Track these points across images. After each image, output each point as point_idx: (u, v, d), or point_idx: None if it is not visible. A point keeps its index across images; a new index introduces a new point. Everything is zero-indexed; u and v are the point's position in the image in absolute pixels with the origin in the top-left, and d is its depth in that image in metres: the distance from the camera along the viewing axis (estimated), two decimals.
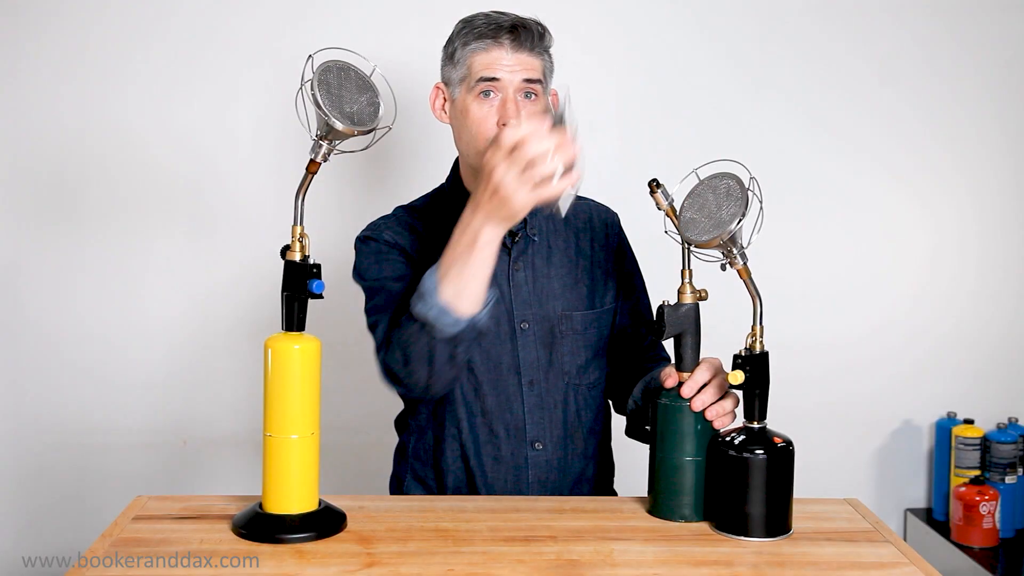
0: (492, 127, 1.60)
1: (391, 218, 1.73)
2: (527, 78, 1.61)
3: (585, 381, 1.72)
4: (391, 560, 1.29)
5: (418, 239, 1.69)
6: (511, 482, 1.68)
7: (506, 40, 1.60)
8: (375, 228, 1.71)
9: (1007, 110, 2.67)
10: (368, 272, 1.66)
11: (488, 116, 1.61)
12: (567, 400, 1.70)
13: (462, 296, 1.43)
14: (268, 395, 1.39)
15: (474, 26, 1.62)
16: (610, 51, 2.57)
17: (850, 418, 2.69)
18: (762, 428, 1.42)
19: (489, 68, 1.60)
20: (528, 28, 1.61)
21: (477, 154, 1.62)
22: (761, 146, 2.62)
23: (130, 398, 2.53)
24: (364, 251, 1.69)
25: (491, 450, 1.68)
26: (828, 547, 1.37)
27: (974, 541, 2.51)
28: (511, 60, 1.60)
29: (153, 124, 2.50)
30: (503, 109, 1.60)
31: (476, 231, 1.41)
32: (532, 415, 1.68)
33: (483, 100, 1.61)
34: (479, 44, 1.61)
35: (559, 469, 1.70)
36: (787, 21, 2.61)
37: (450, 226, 1.62)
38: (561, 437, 1.70)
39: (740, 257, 1.41)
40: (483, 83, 1.60)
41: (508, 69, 1.60)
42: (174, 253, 2.52)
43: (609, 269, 1.77)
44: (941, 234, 2.69)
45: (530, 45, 1.61)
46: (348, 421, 2.53)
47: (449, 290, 1.43)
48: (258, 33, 2.50)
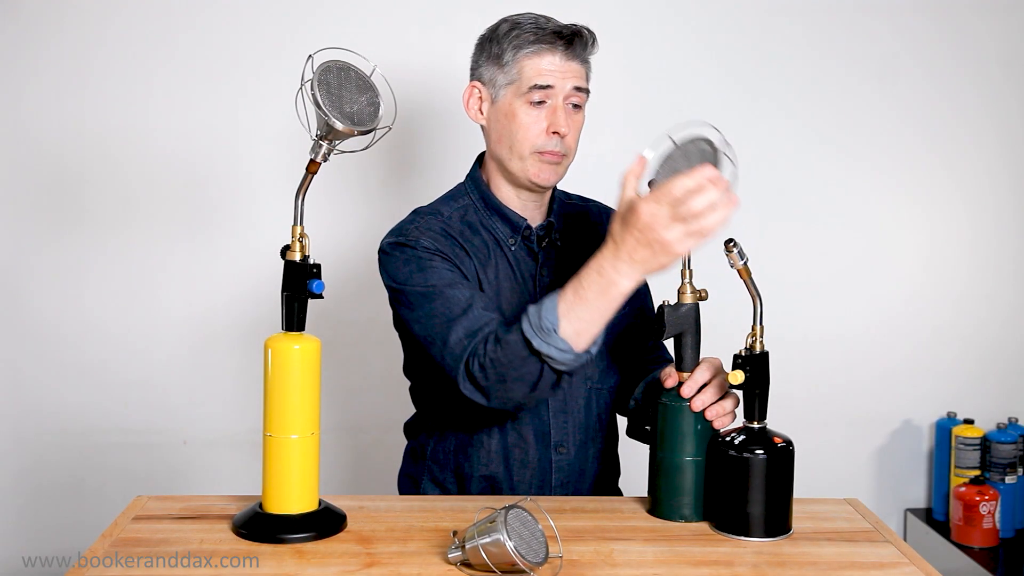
0: (540, 133, 1.60)
1: (420, 224, 1.64)
2: (577, 86, 1.60)
3: (607, 384, 1.72)
4: (391, 560, 1.29)
5: (454, 244, 1.63)
6: (536, 486, 1.67)
7: (561, 47, 1.58)
8: (405, 233, 1.62)
9: (1003, 109, 2.67)
10: (411, 279, 1.57)
11: (537, 122, 1.60)
12: (588, 403, 1.70)
13: (583, 335, 1.39)
14: (268, 395, 1.39)
15: (525, 29, 1.59)
16: (609, 53, 2.57)
17: (850, 418, 2.69)
18: (762, 428, 1.42)
19: (543, 75, 1.59)
20: (583, 36, 1.60)
21: (519, 159, 1.61)
22: (761, 147, 2.61)
23: (130, 398, 2.53)
24: (400, 257, 1.60)
25: (519, 454, 1.67)
26: (828, 547, 1.37)
27: (974, 541, 2.51)
28: (564, 68, 1.59)
29: (153, 124, 2.49)
30: (553, 116, 1.59)
31: (616, 278, 1.35)
32: (556, 419, 1.67)
33: (533, 107, 1.60)
34: (533, 48, 1.59)
35: (579, 471, 1.69)
36: (786, 24, 2.61)
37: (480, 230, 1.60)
38: (583, 440, 1.69)
39: None
40: (537, 90, 1.59)
41: (561, 76, 1.59)
42: (174, 253, 2.52)
43: None
44: (941, 234, 2.69)
45: (583, 52, 1.61)
46: (348, 421, 2.53)
47: (571, 329, 1.38)
48: (258, 33, 2.50)
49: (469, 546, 1.24)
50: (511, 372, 1.44)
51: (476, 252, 1.65)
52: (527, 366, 1.42)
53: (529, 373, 1.43)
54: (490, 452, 1.67)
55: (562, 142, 1.61)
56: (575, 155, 1.66)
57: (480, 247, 1.66)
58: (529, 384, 1.44)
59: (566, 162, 1.64)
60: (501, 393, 1.47)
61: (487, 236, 1.67)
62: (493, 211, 1.68)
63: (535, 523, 1.26)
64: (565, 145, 1.62)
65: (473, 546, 1.23)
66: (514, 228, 1.67)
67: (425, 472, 1.74)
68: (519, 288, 1.66)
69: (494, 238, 1.67)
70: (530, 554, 1.22)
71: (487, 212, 1.68)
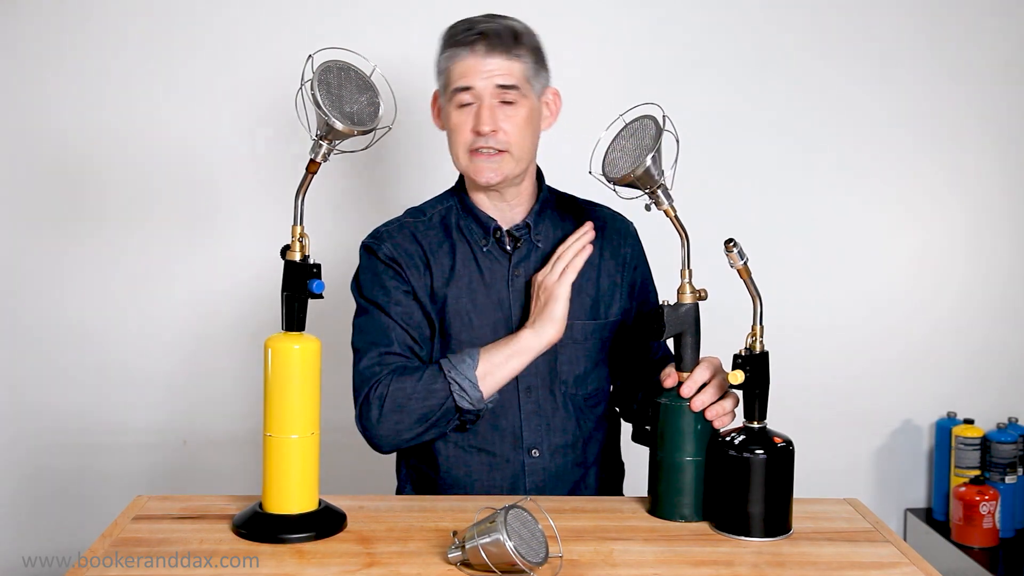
0: (467, 133, 1.61)
1: (396, 225, 1.72)
2: (501, 84, 1.60)
3: (583, 391, 1.71)
4: (391, 560, 1.30)
5: (421, 248, 1.69)
6: (507, 489, 1.67)
7: (480, 47, 1.59)
8: (377, 236, 1.71)
9: (1003, 109, 2.67)
10: (363, 288, 1.69)
11: (465, 123, 1.61)
12: (566, 408, 1.69)
13: (489, 378, 1.57)
14: (268, 395, 1.39)
15: (451, 34, 1.63)
16: (609, 57, 2.57)
17: (850, 418, 2.69)
18: (762, 428, 1.42)
19: (463, 77, 1.60)
20: (499, 33, 1.59)
21: (461, 161, 1.65)
22: (760, 147, 2.62)
23: (130, 398, 2.53)
24: (364, 264, 1.71)
25: (486, 457, 1.67)
26: (828, 547, 1.37)
27: (974, 541, 2.51)
28: (484, 67, 1.59)
29: (153, 124, 2.49)
30: (477, 116, 1.60)
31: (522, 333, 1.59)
32: (529, 422, 1.67)
33: (461, 109, 1.62)
34: (453, 52, 1.61)
35: (556, 476, 1.69)
36: (783, 24, 2.61)
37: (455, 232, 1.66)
38: (560, 445, 1.69)
39: (665, 197, 1.45)
40: (458, 93, 1.61)
41: (482, 76, 1.59)
42: (174, 253, 2.52)
43: (618, 280, 1.74)
44: (941, 234, 2.69)
45: (503, 50, 1.60)
46: (348, 421, 2.51)
47: (483, 368, 1.56)
48: (258, 33, 2.50)
49: (469, 546, 1.24)
50: (411, 402, 1.56)
51: (448, 255, 1.69)
52: (432, 398, 1.56)
53: (431, 405, 1.55)
54: (459, 449, 1.68)
55: (496, 138, 1.61)
56: (528, 150, 1.65)
57: (454, 249, 1.69)
58: (420, 419, 1.56)
59: (510, 158, 1.63)
60: (391, 424, 1.57)
61: (461, 237, 1.70)
62: (468, 213, 1.71)
63: (535, 523, 1.26)
64: (502, 141, 1.61)
65: (473, 546, 1.23)
66: (485, 230, 1.69)
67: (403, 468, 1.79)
68: (492, 289, 1.68)
69: (468, 239, 1.70)
70: (530, 554, 1.22)
71: (463, 214, 1.71)
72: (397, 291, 1.66)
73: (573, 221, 1.73)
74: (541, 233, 1.71)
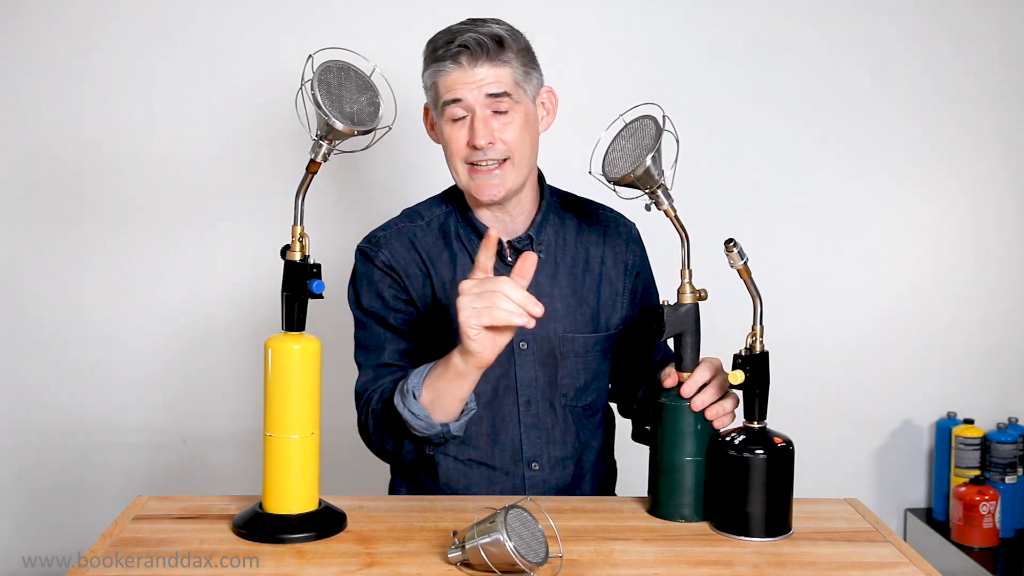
0: (464, 148, 1.58)
1: (393, 230, 1.69)
2: (491, 92, 1.55)
3: (582, 403, 1.69)
4: (391, 560, 1.30)
5: (420, 257, 1.66)
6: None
7: (463, 58, 1.54)
8: (375, 242, 1.67)
9: (1004, 109, 2.67)
10: (360, 299, 1.67)
11: (460, 137, 1.57)
12: (566, 420, 1.68)
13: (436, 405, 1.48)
14: (268, 395, 1.39)
15: (432, 48, 1.58)
16: (608, 58, 2.57)
17: (850, 418, 2.69)
18: (762, 428, 1.42)
19: (450, 90, 1.56)
20: (480, 42, 1.53)
21: (460, 177, 1.61)
22: (761, 146, 2.62)
23: (130, 398, 2.53)
24: (359, 271, 1.67)
25: (485, 471, 1.66)
26: (828, 547, 1.37)
27: (974, 541, 2.51)
28: (470, 78, 1.54)
29: (153, 124, 2.49)
30: (471, 130, 1.56)
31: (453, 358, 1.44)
32: (529, 435, 1.66)
33: (455, 123, 1.58)
34: (437, 67, 1.56)
35: (556, 489, 1.68)
36: (787, 23, 2.61)
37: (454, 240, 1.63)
38: (560, 458, 1.68)
39: (665, 197, 1.44)
40: (449, 106, 1.57)
41: (470, 87, 1.54)
42: (174, 253, 2.52)
43: (620, 288, 1.72)
44: (941, 234, 2.69)
45: (488, 58, 1.54)
46: (348, 421, 2.51)
47: (427, 397, 1.48)
48: (258, 33, 2.50)
49: (469, 546, 1.24)
50: (383, 427, 1.56)
51: (448, 265, 1.66)
52: (395, 427, 1.53)
53: (395, 433, 1.54)
54: (459, 463, 1.67)
55: (494, 149, 1.57)
56: (528, 155, 1.61)
57: (455, 259, 1.66)
58: (398, 443, 1.56)
59: (511, 167, 1.59)
60: (379, 444, 1.60)
61: (462, 248, 1.67)
62: (467, 223, 1.67)
63: (535, 523, 1.26)
64: (500, 151, 1.57)
65: (473, 546, 1.23)
66: None
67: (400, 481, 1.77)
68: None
69: (469, 251, 1.66)
70: (530, 554, 1.22)
71: (462, 223, 1.68)
72: (394, 299, 1.65)
73: (574, 221, 1.72)
74: (543, 243, 1.68)
